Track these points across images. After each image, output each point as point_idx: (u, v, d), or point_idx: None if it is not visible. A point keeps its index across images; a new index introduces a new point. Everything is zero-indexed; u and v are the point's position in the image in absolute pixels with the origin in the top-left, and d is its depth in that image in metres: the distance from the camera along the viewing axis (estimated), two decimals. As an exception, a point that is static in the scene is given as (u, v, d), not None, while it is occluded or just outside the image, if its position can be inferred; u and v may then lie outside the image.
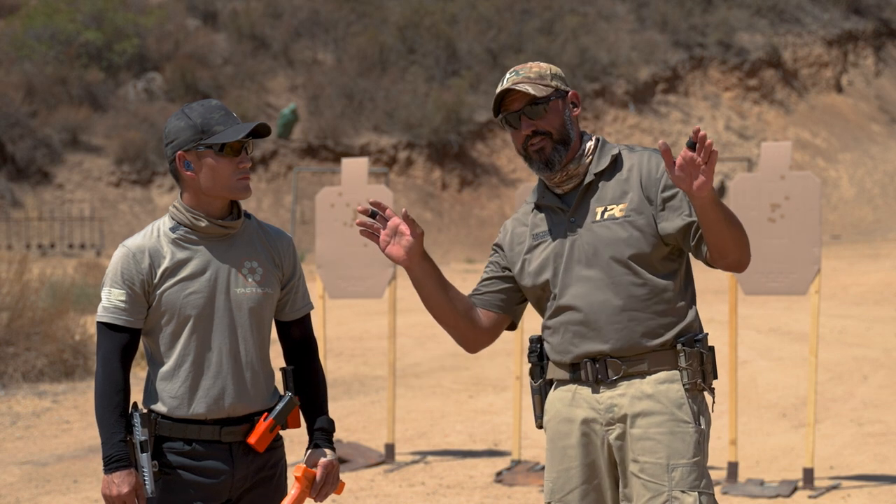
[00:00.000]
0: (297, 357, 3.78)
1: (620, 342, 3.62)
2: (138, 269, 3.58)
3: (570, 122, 3.70)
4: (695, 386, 3.60)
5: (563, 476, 3.72)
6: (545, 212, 3.76)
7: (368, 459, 8.33)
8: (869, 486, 7.54)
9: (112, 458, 3.52)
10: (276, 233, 3.77)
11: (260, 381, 3.66)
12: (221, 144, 3.58)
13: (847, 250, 25.30)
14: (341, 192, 8.56)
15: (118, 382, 3.56)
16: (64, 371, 11.76)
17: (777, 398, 10.49)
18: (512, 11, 36.68)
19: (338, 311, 15.24)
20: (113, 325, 3.58)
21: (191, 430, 3.59)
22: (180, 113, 3.62)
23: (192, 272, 3.60)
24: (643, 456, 3.59)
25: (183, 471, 3.59)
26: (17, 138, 29.75)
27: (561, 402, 3.72)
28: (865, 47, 41.32)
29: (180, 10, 35.66)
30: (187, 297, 3.58)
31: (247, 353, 3.64)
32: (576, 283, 3.68)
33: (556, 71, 3.73)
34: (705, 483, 3.59)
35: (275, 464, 3.71)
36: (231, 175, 3.59)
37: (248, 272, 3.65)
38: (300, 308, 3.79)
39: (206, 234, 3.63)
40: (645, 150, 3.73)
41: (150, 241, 3.61)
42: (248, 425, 3.64)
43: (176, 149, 3.60)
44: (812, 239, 7.47)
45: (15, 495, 7.63)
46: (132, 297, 3.58)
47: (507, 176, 32.82)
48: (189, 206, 3.63)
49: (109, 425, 3.54)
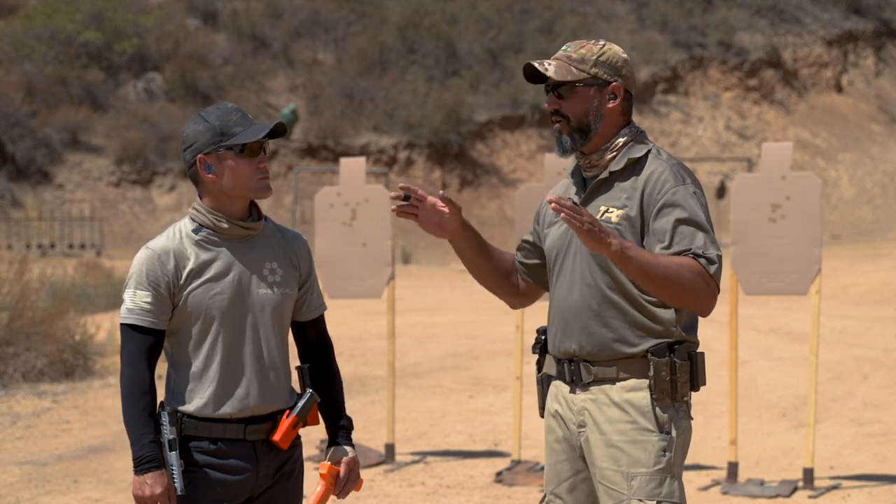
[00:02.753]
0: (313, 356, 3.82)
1: (591, 346, 3.61)
2: (164, 271, 3.60)
3: (597, 112, 3.63)
4: (662, 396, 3.56)
5: (554, 469, 3.76)
6: (571, 189, 3.76)
7: (368, 459, 8.33)
8: (869, 486, 7.54)
9: (143, 459, 3.54)
10: (292, 234, 3.81)
11: (282, 380, 3.70)
12: (242, 145, 3.60)
13: (847, 250, 25.29)
14: (340, 192, 8.56)
15: (145, 383, 3.57)
16: (64, 371, 11.76)
17: (777, 398, 10.48)
18: (512, 11, 36.67)
19: (338, 311, 15.22)
20: (138, 327, 3.59)
21: (216, 429, 3.62)
22: (197, 117, 3.65)
23: (217, 273, 3.63)
24: (605, 463, 3.60)
25: (209, 469, 3.61)
26: (17, 138, 29.75)
27: (551, 397, 3.75)
28: (865, 47, 41.31)
29: (180, 10, 35.65)
30: (213, 297, 3.61)
31: (269, 352, 3.67)
32: (565, 277, 3.68)
33: (609, 58, 3.64)
34: (668, 492, 3.57)
35: (294, 460, 3.75)
36: (252, 175, 3.63)
37: (268, 273, 3.69)
38: (316, 308, 3.82)
39: (228, 236, 3.66)
40: (669, 160, 3.64)
41: (173, 243, 3.64)
42: (271, 423, 3.67)
43: (196, 152, 3.63)
44: (813, 239, 7.47)
45: (15, 495, 7.62)
46: (158, 299, 3.59)
47: (507, 176, 32.82)
48: (210, 208, 3.65)
49: (139, 426, 3.55)
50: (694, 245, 3.51)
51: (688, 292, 3.46)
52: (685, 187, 3.57)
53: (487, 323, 14.76)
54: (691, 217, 3.53)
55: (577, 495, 3.72)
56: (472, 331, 14.62)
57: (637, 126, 3.69)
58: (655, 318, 3.58)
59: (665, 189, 3.56)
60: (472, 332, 14.49)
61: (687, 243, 3.51)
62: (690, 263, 3.47)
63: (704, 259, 3.49)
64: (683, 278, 3.45)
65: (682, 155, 34.00)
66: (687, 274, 3.45)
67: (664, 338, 3.58)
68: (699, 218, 3.54)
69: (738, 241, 7.60)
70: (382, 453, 8.46)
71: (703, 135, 36.45)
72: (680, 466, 3.63)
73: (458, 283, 20.08)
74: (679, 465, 3.62)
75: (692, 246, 3.51)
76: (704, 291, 3.48)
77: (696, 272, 3.47)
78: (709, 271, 3.48)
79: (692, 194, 3.57)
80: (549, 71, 3.62)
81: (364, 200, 8.47)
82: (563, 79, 3.61)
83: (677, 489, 3.60)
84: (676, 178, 3.58)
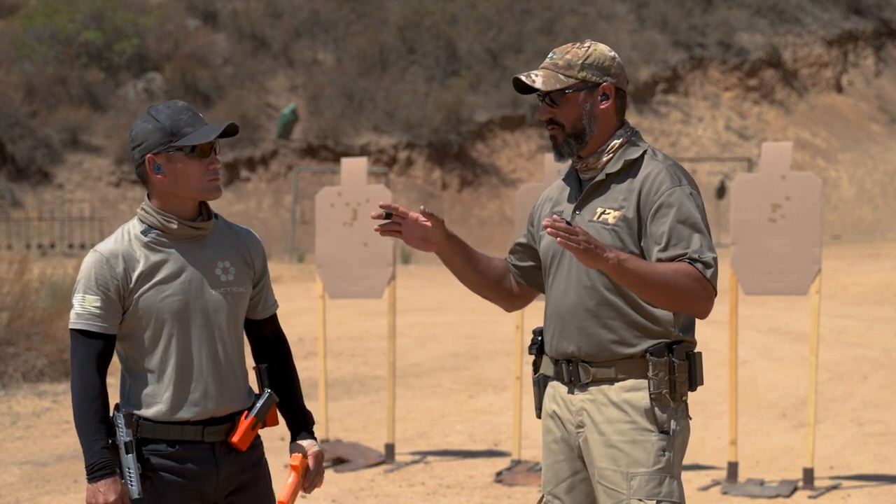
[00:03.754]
0: (270, 355, 3.77)
1: (589, 347, 3.61)
2: (113, 275, 3.54)
3: (591, 115, 3.63)
4: (661, 395, 3.57)
5: (552, 469, 3.76)
6: (566, 191, 3.77)
7: (368, 459, 8.33)
8: (869, 486, 7.54)
9: (96, 467, 3.49)
10: (244, 232, 3.75)
11: (239, 381, 3.66)
12: (192, 146, 3.54)
13: (847, 250, 25.29)
14: (341, 192, 8.56)
15: (96, 389, 3.52)
16: (64, 371, 11.76)
17: (777, 398, 10.48)
18: (512, 11, 36.67)
19: (338, 311, 15.22)
20: (88, 332, 3.54)
21: (174, 431, 3.56)
22: (147, 115, 3.58)
23: (167, 275, 3.57)
24: (604, 463, 3.60)
25: (166, 473, 3.56)
26: (17, 138, 29.74)
27: (548, 398, 3.76)
28: (865, 47, 41.31)
29: (180, 10, 35.65)
30: (164, 300, 3.55)
31: (225, 353, 3.63)
32: (561, 279, 3.68)
33: (596, 59, 3.64)
34: (667, 491, 3.57)
35: (256, 463, 3.70)
36: (202, 176, 3.56)
37: (221, 272, 3.63)
38: (271, 305, 3.79)
39: (177, 237, 3.60)
40: (665, 161, 3.64)
41: (122, 246, 3.58)
42: (230, 425, 3.62)
43: (145, 151, 3.56)
44: (813, 239, 7.47)
45: (15, 495, 7.62)
46: (107, 303, 3.54)
47: (507, 176, 32.81)
48: (159, 209, 3.59)
49: (90, 433, 3.50)
50: (690, 249, 3.52)
51: (685, 298, 3.48)
52: (682, 188, 3.58)
53: (487, 323, 14.76)
54: (688, 219, 3.55)
55: (575, 496, 3.73)
56: (472, 331, 14.62)
57: (632, 127, 3.70)
58: (653, 319, 3.58)
59: (662, 190, 3.57)
60: (472, 332, 14.49)
61: (684, 246, 3.52)
62: (687, 269, 3.49)
63: (701, 263, 3.50)
64: (681, 284, 3.47)
65: (682, 155, 34.00)
66: (684, 280, 3.47)
67: (662, 338, 3.59)
68: (696, 219, 3.56)
69: (738, 241, 7.60)
70: (382, 453, 8.46)
71: (703, 135, 36.45)
72: (679, 466, 3.64)
73: (457, 283, 20.02)
74: (678, 464, 3.63)
75: (688, 250, 3.52)
76: (702, 296, 3.50)
77: (693, 277, 3.48)
78: (705, 276, 3.50)
79: (689, 195, 3.58)
80: (537, 82, 3.62)
81: (365, 200, 8.47)
82: (552, 88, 3.61)
83: (676, 489, 3.60)
84: (673, 180, 3.59)
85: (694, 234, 3.54)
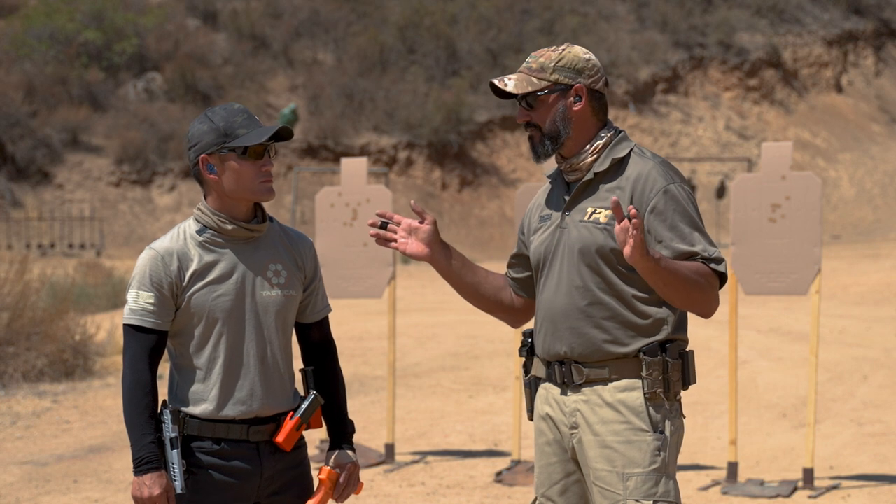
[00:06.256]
0: (316, 359, 3.81)
1: (582, 347, 3.62)
2: (167, 272, 3.59)
3: (564, 117, 3.64)
4: (655, 395, 3.58)
5: (545, 471, 3.76)
6: (553, 194, 3.78)
7: (368, 459, 8.33)
8: (869, 486, 7.54)
9: (143, 460, 3.53)
10: (297, 235, 3.79)
11: (285, 382, 3.69)
12: (244, 147, 3.59)
13: (847, 250, 25.30)
14: (341, 192, 8.56)
15: (147, 384, 3.56)
16: (64, 371, 11.76)
17: (777, 398, 10.48)
18: (512, 11, 36.69)
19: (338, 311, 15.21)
20: (141, 328, 3.58)
21: (219, 430, 3.60)
22: (203, 117, 3.64)
23: (220, 275, 3.62)
24: (599, 464, 3.60)
25: (212, 470, 3.60)
26: (17, 138, 29.75)
27: (541, 400, 3.75)
28: (865, 47, 41.33)
29: (180, 10, 35.67)
30: (216, 299, 3.60)
31: (273, 354, 3.66)
32: (552, 280, 3.68)
33: (569, 62, 3.66)
34: (663, 491, 3.58)
35: (299, 464, 3.74)
36: (254, 178, 3.61)
37: (272, 275, 3.67)
38: (320, 310, 3.81)
39: (232, 237, 3.64)
40: (654, 158, 3.65)
41: (177, 244, 3.62)
42: (275, 425, 3.66)
43: (199, 152, 3.61)
44: (813, 239, 7.47)
45: (15, 495, 7.62)
46: (161, 300, 3.58)
47: (507, 176, 32.82)
48: (214, 209, 3.64)
49: (139, 427, 3.54)
50: (697, 247, 3.56)
51: (702, 297, 3.54)
52: (675, 185, 3.60)
53: (487, 323, 14.75)
54: (684, 215, 3.57)
55: (568, 497, 3.72)
56: (472, 331, 14.62)
57: (615, 126, 3.71)
58: (647, 317, 3.59)
59: (655, 188, 3.58)
60: (472, 332, 14.49)
61: (687, 243, 3.56)
62: (703, 269, 3.54)
63: (714, 262, 3.56)
64: (700, 285, 3.52)
65: (682, 155, 34.02)
66: (702, 280, 3.53)
67: (655, 337, 3.60)
68: (692, 215, 3.59)
69: (738, 241, 7.60)
70: (382, 453, 8.46)
71: (703, 135, 36.46)
72: (674, 465, 3.64)
73: (458, 283, 20.06)
74: (673, 463, 3.63)
75: (694, 248, 3.55)
76: (713, 296, 3.56)
77: (707, 278, 3.54)
78: (717, 275, 3.56)
79: (682, 192, 3.60)
80: (510, 86, 3.65)
81: (365, 200, 8.47)
82: (524, 91, 3.64)
83: (672, 488, 3.60)
84: (665, 177, 3.60)
85: (693, 231, 3.57)
